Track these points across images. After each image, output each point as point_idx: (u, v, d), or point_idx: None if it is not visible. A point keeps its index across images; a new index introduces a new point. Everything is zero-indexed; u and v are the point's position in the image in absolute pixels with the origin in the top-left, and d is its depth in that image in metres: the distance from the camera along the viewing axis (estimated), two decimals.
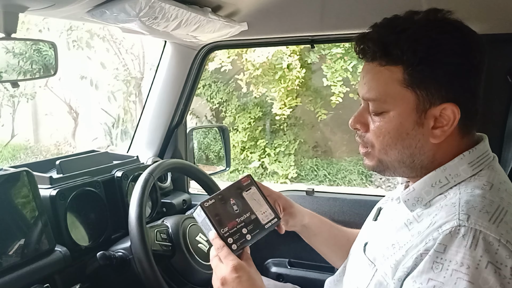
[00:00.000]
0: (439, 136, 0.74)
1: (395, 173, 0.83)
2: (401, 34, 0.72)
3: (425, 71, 0.72)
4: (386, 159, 0.79)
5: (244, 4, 1.26)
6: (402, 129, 0.75)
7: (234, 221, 0.86)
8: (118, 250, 1.18)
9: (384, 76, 0.75)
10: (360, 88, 0.80)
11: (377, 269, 0.78)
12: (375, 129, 0.78)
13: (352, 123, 0.82)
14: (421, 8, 0.76)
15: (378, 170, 0.83)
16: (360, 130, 0.82)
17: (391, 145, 0.77)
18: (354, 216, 1.55)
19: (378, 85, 0.76)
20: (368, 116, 0.80)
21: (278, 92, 5.93)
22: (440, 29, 0.72)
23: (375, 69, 0.76)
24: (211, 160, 6.15)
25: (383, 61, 0.74)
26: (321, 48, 5.59)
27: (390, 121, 0.76)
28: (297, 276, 1.60)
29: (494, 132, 1.28)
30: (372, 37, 0.75)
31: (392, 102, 0.75)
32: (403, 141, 0.76)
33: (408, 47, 0.71)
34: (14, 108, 7.22)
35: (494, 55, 0.75)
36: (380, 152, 0.79)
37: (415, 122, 0.74)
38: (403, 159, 0.78)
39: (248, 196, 0.90)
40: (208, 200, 0.86)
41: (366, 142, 0.81)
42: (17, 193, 1.06)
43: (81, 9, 1.00)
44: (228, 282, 0.80)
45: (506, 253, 0.62)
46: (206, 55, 1.64)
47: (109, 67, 6.83)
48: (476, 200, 0.69)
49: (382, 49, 0.74)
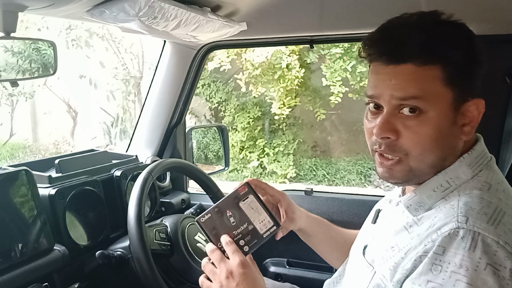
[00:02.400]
0: (469, 132, 0.74)
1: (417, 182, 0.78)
2: (435, 32, 0.71)
3: (461, 68, 0.72)
4: (420, 167, 0.74)
5: (243, 4, 1.27)
6: (441, 129, 0.72)
7: (231, 234, 0.86)
8: (117, 249, 1.18)
9: (423, 75, 0.71)
10: (385, 89, 0.73)
11: (375, 272, 0.78)
12: (412, 135, 0.72)
13: (381, 132, 0.73)
14: (421, 8, 0.76)
15: (403, 181, 0.77)
16: (390, 138, 0.73)
17: (431, 149, 0.73)
18: (353, 216, 1.55)
19: (417, 85, 0.71)
20: (397, 121, 0.73)
21: (277, 92, 5.94)
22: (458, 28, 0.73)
23: (409, 70, 0.71)
24: (210, 160, 6.14)
25: (419, 61, 0.70)
26: (320, 48, 5.59)
27: (430, 122, 0.71)
28: (295, 276, 1.60)
29: (492, 133, 1.28)
30: (401, 38, 0.71)
31: (431, 101, 0.71)
32: (442, 143, 0.73)
33: (446, 45, 0.71)
34: (13, 107, 7.22)
35: (492, 56, 0.75)
36: (417, 158, 0.73)
37: (452, 121, 0.73)
38: (437, 163, 0.74)
39: (245, 206, 0.89)
40: (204, 215, 0.86)
41: (397, 150, 0.74)
42: (16, 192, 1.06)
43: (81, 9, 1.00)
44: (234, 276, 0.80)
45: (505, 255, 0.62)
46: (205, 54, 1.64)
47: (108, 66, 6.83)
48: (474, 201, 0.69)
49: (419, 49, 0.70)
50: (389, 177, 0.77)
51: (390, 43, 0.72)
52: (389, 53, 0.72)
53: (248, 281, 0.80)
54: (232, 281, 0.80)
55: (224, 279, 0.80)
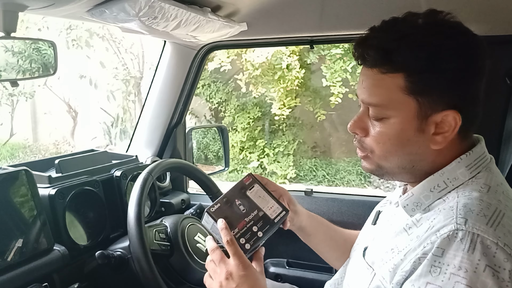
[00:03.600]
0: (440, 142, 0.74)
1: (394, 178, 0.83)
2: (401, 41, 0.71)
3: (427, 79, 0.71)
4: (386, 165, 0.78)
5: (243, 5, 1.27)
6: (403, 135, 0.74)
7: (243, 221, 0.86)
8: (117, 250, 1.18)
9: (386, 83, 0.73)
10: (360, 91, 0.79)
11: (375, 273, 0.78)
12: (375, 135, 0.77)
13: (351, 128, 0.80)
14: (420, 9, 0.76)
15: (377, 174, 0.82)
16: (358, 135, 0.80)
17: (392, 151, 0.76)
18: (353, 217, 1.55)
19: (379, 92, 0.74)
20: (368, 120, 0.78)
21: (277, 92, 5.93)
22: (441, 35, 0.71)
23: (376, 76, 0.74)
24: (210, 160, 6.14)
25: (383, 69, 0.73)
26: (320, 48, 5.59)
27: (391, 127, 0.75)
28: (295, 276, 1.60)
29: (492, 134, 1.28)
30: (372, 44, 0.74)
31: (393, 108, 0.74)
32: (404, 148, 0.75)
33: (410, 55, 0.70)
34: (13, 107, 7.22)
35: (492, 57, 0.74)
36: (380, 158, 0.78)
37: (416, 129, 0.74)
38: (404, 164, 0.77)
39: (253, 194, 0.90)
40: (214, 205, 0.86)
41: (365, 147, 0.80)
42: (16, 192, 1.06)
43: (81, 9, 1.00)
44: (234, 278, 0.80)
45: (504, 256, 0.62)
46: (205, 55, 1.64)
47: (108, 66, 6.83)
48: (473, 203, 0.69)
49: (383, 56, 0.72)
50: (365, 168, 0.83)
51: (363, 48, 0.75)
52: (360, 57, 0.77)
53: (248, 283, 0.80)
54: (231, 283, 0.80)
55: (223, 279, 0.80)
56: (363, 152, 0.81)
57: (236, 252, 0.81)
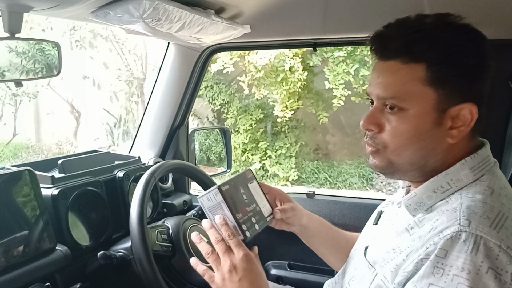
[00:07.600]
0: (456, 136, 0.74)
1: (403, 176, 0.82)
2: (420, 33, 0.72)
3: (448, 70, 0.72)
4: (398, 161, 0.78)
5: (247, 7, 1.27)
6: (420, 128, 0.74)
7: (245, 209, 0.86)
8: (119, 250, 1.19)
9: (405, 74, 0.73)
10: (374, 87, 0.78)
11: (377, 273, 0.78)
12: (391, 129, 0.76)
13: (364, 124, 0.79)
14: (424, 12, 0.77)
15: (385, 172, 0.81)
16: (373, 131, 0.78)
17: (406, 145, 0.75)
18: (355, 220, 1.55)
19: (398, 83, 0.74)
20: (382, 116, 0.77)
21: (280, 94, 5.93)
22: (457, 31, 0.73)
23: (394, 67, 0.74)
24: (212, 162, 6.16)
25: (405, 59, 0.73)
26: (323, 51, 5.59)
27: (408, 120, 0.74)
28: (296, 279, 1.60)
29: (495, 137, 1.28)
30: (392, 35, 0.74)
31: (412, 100, 0.73)
32: (419, 142, 0.75)
33: (432, 45, 0.71)
34: (16, 107, 7.23)
35: (496, 61, 0.75)
36: (393, 153, 0.77)
37: (434, 122, 0.74)
38: (415, 160, 0.76)
39: (252, 188, 0.92)
40: (224, 185, 0.85)
41: (377, 143, 0.78)
42: (18, 192, 1.06)
43: (85, 10, 1.01)
44: (238, 271, 0.80)
45: (507, 259, 0.62)
46: (208, 57, 1.65)
47: (111, 67, 6.84)
48: (477, 205, 0.69)
49: (405, 46, 0.73)
50: (374, 165, 0.81)
51: (382, 39, 0.76)
52: (379, 48, 0.77)
53: (251, 277, 0.80)
54: (235, 275, 0.80)
55: (227, 272, 0.80)
56: (374, 147, 0.79)
57: (239, 244, 0.81)
